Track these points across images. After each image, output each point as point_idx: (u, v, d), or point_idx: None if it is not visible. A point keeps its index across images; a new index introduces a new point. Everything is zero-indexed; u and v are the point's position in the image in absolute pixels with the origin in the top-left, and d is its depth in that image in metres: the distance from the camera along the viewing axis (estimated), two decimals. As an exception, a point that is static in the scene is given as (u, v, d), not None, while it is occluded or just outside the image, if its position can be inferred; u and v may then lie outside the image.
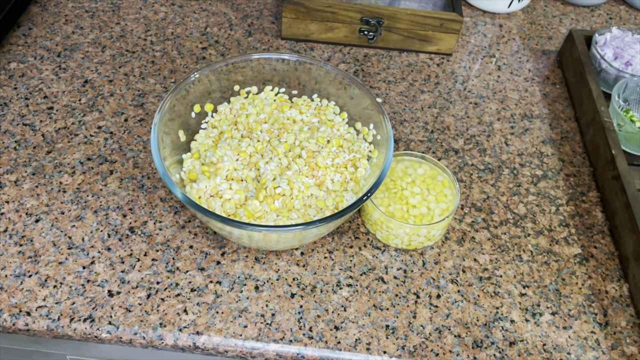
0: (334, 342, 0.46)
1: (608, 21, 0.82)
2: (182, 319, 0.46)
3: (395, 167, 0.55)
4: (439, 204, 0.52)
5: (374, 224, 0.52)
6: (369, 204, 0.51)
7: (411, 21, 0.69)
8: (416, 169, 0.55)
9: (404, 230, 0.50)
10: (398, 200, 0.52)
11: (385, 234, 0.51)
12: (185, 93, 0.52)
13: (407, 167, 0.55)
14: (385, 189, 0.53)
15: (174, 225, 0.52)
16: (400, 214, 0.52)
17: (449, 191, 0.54)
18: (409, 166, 0.55)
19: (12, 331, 0.46)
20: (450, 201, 0.53)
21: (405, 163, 0.56)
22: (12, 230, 0.50)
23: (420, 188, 0.53)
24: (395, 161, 0.55)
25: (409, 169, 0.55)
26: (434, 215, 0.52)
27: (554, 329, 0.48)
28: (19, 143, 0.57)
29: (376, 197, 0.53)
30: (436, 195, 0.53)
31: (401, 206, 0.52)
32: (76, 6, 0.74)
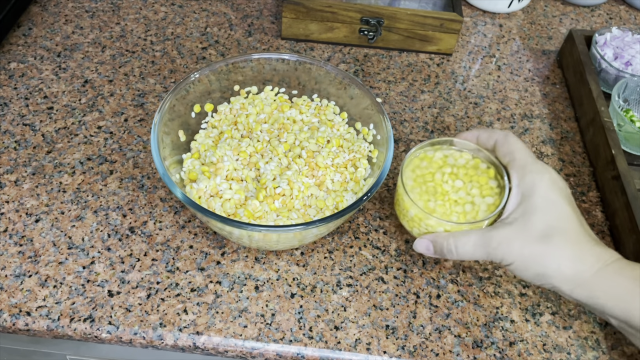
0: (334, 342, 0.46)
1: (608, 21, 0.82)
2: (182, 319, 0.46)
3: (433, 157, 0.49)
4: (485, 199, 0.46)
5: (410, 220, 0.47)
6: (406, 198, 0.46)
7: (411, 21, 0.69)
8: (457, 159, 0.48)
9: (445, 228, 0.45)
10: (439, 196, 0.47)
11: (423, 231, 0.47)
12: (185, 93, 0.52)
13: (446, 157, 0.49)
14: (422, 181, 0.48)
15: (174, 225, 0.52)
16: (441, 209, 0.46)
17: (495, 183, 0.47)
18: (448, 155, 0.49)
19: (12, 331, 0.46)
20: (497, 194, 0.46)
21: (445, 152, 0.49)
22: (12, 230, 0.50)
23: (463, 181, 0.47)
24: (432, 150, 0.49)
25: (448, 159, 0.49)
26: (479, 211, 0.46)
27: (554, 329, 0.48)
28: (19, 143, 0.57)
29: (413, 191, 0.47)
30: (480, 188, 0.47)
31: (442, 202, 0.46)
32: (76, 6, 0.74)
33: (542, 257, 0.41)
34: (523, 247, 0.41)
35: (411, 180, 0.48)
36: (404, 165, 0.48)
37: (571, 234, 0.41)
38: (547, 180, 0.42)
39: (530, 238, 0.41)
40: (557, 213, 0.41)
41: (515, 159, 0.44)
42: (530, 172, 0.43)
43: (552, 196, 0.42)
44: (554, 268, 0.40)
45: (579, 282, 0.40)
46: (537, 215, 0.41)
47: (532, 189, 0.42)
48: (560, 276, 0.40)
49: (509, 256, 0.41)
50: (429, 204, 0.46)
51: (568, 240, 0.41)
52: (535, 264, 0.41)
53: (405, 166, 0.48)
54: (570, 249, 0.41)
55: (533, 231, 0.41)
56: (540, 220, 0.41)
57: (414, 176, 0.48)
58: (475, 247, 0.43)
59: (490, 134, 0.47)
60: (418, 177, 0.48)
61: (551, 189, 0.42)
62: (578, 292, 0.41)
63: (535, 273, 0.41)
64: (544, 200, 0.42)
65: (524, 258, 0.41)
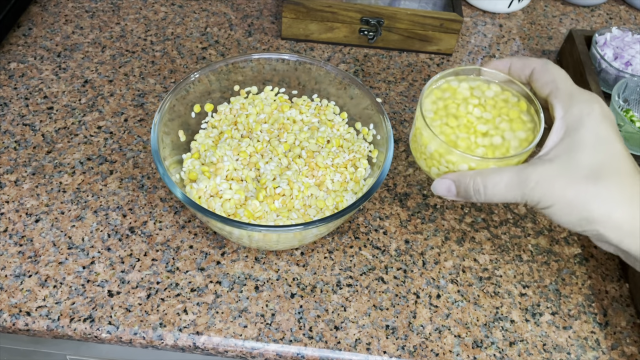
0: (334, 342, 0.46)
1: (608, 21, 0.82)
2: (182, 319, 0.46)
3: (458, 88, 0.43)
4: (517, 133, 0.40)
5: (428, 158, 0.41)
6: (425, 132, 0.40)
7: (411, 21, 0.69)
8: (484, 91, 0.43)
9: (469, 165, 0.39)
10: (462, 129, 0.41)
11: (443, 170, 0.41)
12: (185, 93, 0.52)
13: (472, 88, 0.43)
14: (445, 114, 0.42)
15: (174, 225, 0.52)
16: (465, 144, 0.40)
17: (527, 117, 0.41)
18: (474, 87, 0.43)
19: (12, 331, 0.46)
20: (530, 129, 0.41)
21: (470, 83, 0.43)
22: (12, 230, 0.50)
23: (492, 114, 0.42)
24: (457, 80, 0.44)
25: (475, 91, 0.43)
26: (509, 147, 0.40)
27: (554, 329, 0.48)
28: (19, 143, 0.57)
29: (433, 124, 0.41)
30: (511, 122, 0.41)
31: (467, 134, 0.41)
32: (76, 6, 0.74)
33: (590, 199, 0.35)
34: (567, 187, 0.36)
35: (431, 112, 0.42)
36: (424, 95, 0.42)
37: (625, 176, 0.36)
38: (598, 113, 0.37)
39: (576, 177, 0.36)
40: (609, 151, 0.36)
41: (559, 88, 0.39)
42: (578, 103, 0.37)
43: (603, 131, 0.36)
44: (603, 212, 0.35)
45: (631, 230, 0.35)
46: (585, 152, 0.36)
47: (580, 121, 0.37)
48: (610, 222, 0.35)
49: (549, 197, 0.36)
50: (451, 137, 0.41)
51: (621, 182, 0.35)
52: (580, 207, 0.36)
53: (425, 97, 0.43)
54: (625, 191, 0.35)
55: (580, 169, 0.36)
56: (589, 157, 0.36)
57: (435, 108, 0.43)
58: (508, 186, 0.37)
59: (526, 61, 0.41)
60: (440, 109, 0.42)
61: (602, 122, 0.37)
62: (628, 242, 0.36)
63: (579, 217, 0.36)
64: (594, 135, 0.36)
65: (567, 200, 0.36)
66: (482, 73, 0.44)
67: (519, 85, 0.42)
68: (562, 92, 0.38)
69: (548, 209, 0.37)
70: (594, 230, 0.37)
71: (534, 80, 0.41)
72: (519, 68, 0.42)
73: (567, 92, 0.38)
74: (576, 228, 0.37)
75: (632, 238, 0.36)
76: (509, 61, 0.42)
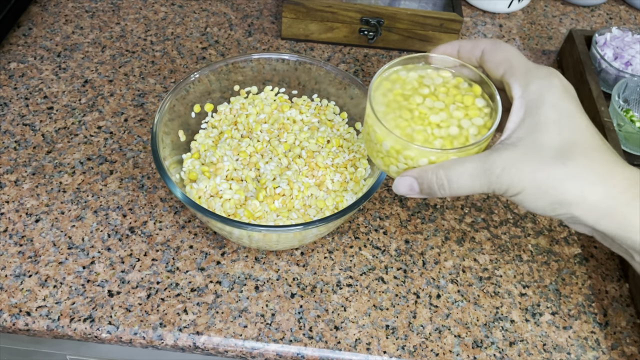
0: (334, 342, 0.46)
1: (608, 21, 0.82)
2: (182, 319, 0.46)
3: (407, 78, 0.41)
4: (474, 120, 0.38)
5: (386, 156, 0.39)
6: (378, 128, 0.38)
7: (411, 21, 0.69)
8: (434, 78, 0.41)
9: (429, 159, 0.37)
10: (417, 120, 0.38)
11: (403, 167, 0.38)
12: (185, 93, 0.52)
13: (422, 77, 0.41)
14: (397, 106, 0.39)
15: (174, 225, 0.52)
16: (422, 136, 0.38)
17: (482, 102, 0.39)
18: (424, 75, 0.41)
19: (12, 331, 0.46)
20: (487, 114, 0.38)
21: (420, 72, 0.41)
22: (12, 230, 0.50)
23: (444, 102, 0.39)
24: (405, 70, 0.41)
25: (425, 79, 0.41)
26: (468, 135, 0.38)
27: (554, 329, 0.48)
28: (19, 143, 0.57)
29: (386, 118, 0.38)
30: (466, 109, 0.39)
31: (423, 127, 0.38)
32: (76, 6, 0.74)
33: (561, 181, 0.33)
34: (535, 171, 0.33)
35: (382, 106, 0.39)
36: (372, 88, 0.40)
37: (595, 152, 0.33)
38: (558, 86, 0.35)
39: (543, 159, 0.33)
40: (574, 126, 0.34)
41: (514, 65, 0.36)
42: (536, 78, 0.35)
43: (565, 106, 0.34)
44: (576, 194, 0.33)
45: (608, 210, 0.33)
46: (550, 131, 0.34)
47: (540, 98, 0.34)
48: (584, 204, 0.33)
49: (517, 183, 0.34)
50: (406, 130, 0.38)
51: (592, 159, 0.33)
52: (552, 190, 0.33)
53: (374, 90, 0.40)
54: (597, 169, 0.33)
55: (546, 150, 0.33)
56: (555, 136, 0.33)
57: (386, 101, 0.40)
58: (473, 177, 0.35)
59: (475, 43, 0.39)
60: (391, 101, 0.40)
61: (563, 97, 0.34)
62: (605, 223, 0.33)
63: (550, 202, 0.34)
64: (557, 111, 0.34)
65: (536, 184, 0.33)
66: (431, 60, 0.41)
67: (471, 69, 0.40)
68: (518, 70, 0.36)
69: (517, 195, 0.34)
70: (567, 214, 0.34)
71: (485, 61, 0.38)
72: (468, 50, 0.39)
73: (523, 69, 0.36)
74: (549, 212, 0.35)
75: (610, 218, 0.33)
76: (457, 44, 0.40)
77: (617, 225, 0.33)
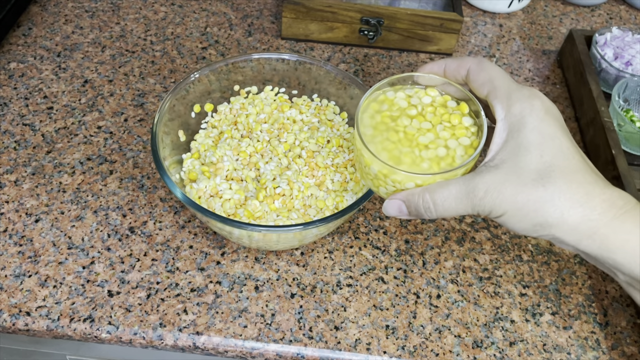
0: (334, 342, 0.46)
1: (608, 21, 0.82)
2: (182, 319, 0.46)
3: (394, 99, 0.41)
4: (460, 139, 0.38)
5: (374, 179, 0.39)
6: (365, 152, 0.38)
7: (411, 21, 0.69)
8: (421, 97, 0.41)
9: (415, 183, 0.37)
10: (404, 142, 0.39)
11: (391, 189, 0.39)
12: (185, 93, 0.52)
13: (409, 97, 0.41)
14: (384, 128, 0.39)
15: (174, 225, 0.52)
16: (410, 158, 0.38)
17: (469, 121, 0.39)
18: (411, 95, 0.41)
19: (12, 331, 0.46)
20: (473, 134, 0.39)
21: (407, 91, 0.41)
22: (12, 230, 0.50)
23: (432, 123, 0.39)
24: (392, 90, 0.41)
25: (412, 99, 0.41)
26: (455, 156, 0.38)
27: (554, 329, 0.48)
28: (19, 143, 0.57)
29: (373, 142, 0.39)
30: (453, 129, 0.39)
31: (410, 148, 0.38)
32: (76, 6, 0.74)
33: (541, 204, 0.34)
34: (516, 194, 0.34)
35: (370, 129, 0.40)
36: (360, 111, 0.40)
37: (575, 174, 0.34)
38: (539, 109, 0.35)
39: (524, 182, 0.34)
40: (554, 149, 0.34)
41: (496, 87, 0.37)
42: (518, 101, 0.35)
43: (546, 128, 0.35)
44: (557, 216, 0.34)
45: (588, 232, 0.34)
46: (531, 154, 0.34)
47: (522, 121, 0.35)
48: (564, 225, 0.34)
49: (500, 206, 0.35)
50: (394, 152, 0.38)
51: (572, 181, 0.34)
52: (533, 213, 0.34)
53: (361, 112, 0.40)
54: (576, 191, 0.34)
55: (527, 173, 0.34)
56: (536, 158, 0.34)
57: (374, 123, 0.40)
58: (457, 200, 0.36)
59: (461, 62, 0.39)
60: (378, 124, 0.40)
61: (544, 119, 0.35)
62: (586, 244, 0.34)
63: (532, 223, 0.35)
64: (538, 134, 0.35)
65: (518, 206, 0.34)
66: (418, 79, 0.41)
67: (457, 87, 0.40)
68: (500, 91, 0.37)
69: (500, 217, 0.36)
70: (549, 235, 0.35)
71: (470, 80, 0.39)
72: (454, 69, 0.40)
73: (505, 90, 0.36)
74: (531, 234, 0.36)
75: (590, 239, 0.34)
76: (444, 63, 0.40)
77: (597, 246, 0.34)
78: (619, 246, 0.34)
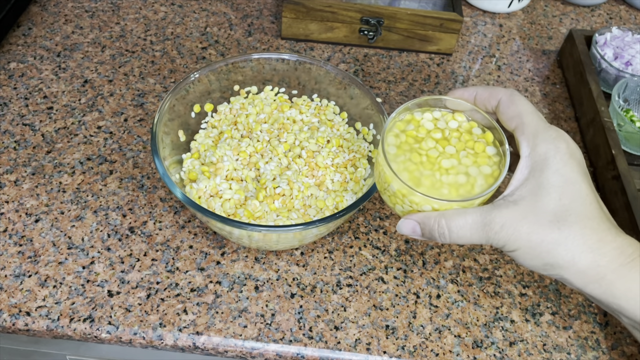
0: (334, 342, 0.46)
1: (608, 21, 0.82)
2: (182, 319, 0.46)
3: (421, 120, 0.41)
4: (481, 168, 0.39)
5: (392, 195, 0.40)
6: (387, 169, 0.39)
7: (411, 21, 0.69)
8: (448, 121, 0.41)
9: (433, 207, 0.38)
10: (426, 165, 0.39)
11: (407, 208, 0.40)
12: (185, 93, 0.52)
13: (436, 119, 0.41)
14: (408, 149, 0.40)
15: (174, 225, 0.52)
16: (430, 181, 0.38)
17: (493, 150, 0.40)
18: (438, 118, 0.41)
19: (12, 331, 0.46)
20: (495, 163, 0.39)
21: (435, 113, 0.42)
22: (11, 230, 0.50)
23: (456, 148, 0.40)
24: (420, 111, 0.42)
25: (439, 122, 0.41)
26: (475, 184, 0.38)
27: (554, 329, 0.48)
28: (19, 143, 0.57)
29: (396, 160, 0.39)
30: (476, 156, 0.39)
31: (431, 172, 0.39)
32: (76, 6, 0.74)
33: (554, 245, 0.35)
34: (532, 232, 0.35)
35: (394, 147, 0.40)
36: (386, 129, 0.41)
37: (590, 220, 0.35)
38: (564, 152, 0.36)
39: (541, 222, 0.35)
40: (574, 193, 0.35)
41: (525, 123, 0.37)
42: (544, 141, 0.36)
43: (569, 173, 0.36)
44: (567, 259, 0.35)
45: (595, 277, 0.35)
46: (550, 195, 0.35)
47: (545, 162, 0.36)
48: (574, 268, 0.35)
49: (514, 242, 0.36)
50: (415, 173, 0.39)
51: (586, 227, 0.35)
52: (545, 253, 0.35)
53: (387, 130, 0.41)
54: (589, 237, 0.35)
55: (544, 213, 0.35)
56: (554, 200, 0.35)
57: (398, 142, 0.41)
58: (473, 230, 0.37)
59: (492, 92, 0.40)
60: (403, 143, 0.40)
61: (568, 163, 0.36)
62: (592, 288, 0.36)
63: (543, 262, 0.36)
64: (560, 176, 0.35)
65: (531, 245, 0.35)
66: (447, 103, 0.42)
67: (484, 115, 0.40)
68: (528, 128, 0.37)
69: (513, 252, 0.37)
70: (558, 275, 0.37)
71: (500, 112, 0.39)
72: (485, 98, 0.40)
73: (534, 128, 0.37)
74: (541, 271, 0.37)
75: (597, 284, 0.36)
76: (475, 90, 0.41)
77: (603, 290, 0.36)
78: (624, 292, 0.35)
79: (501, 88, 0.40)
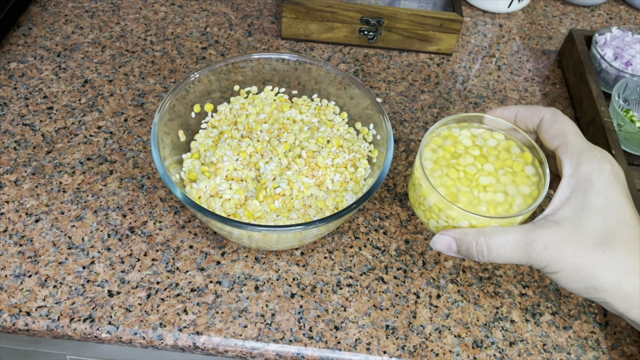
0: (334, 342, 0.46)
1: (608, 21, 0.82)
2: (182, 319, 0.46)
3: (459, 136, 0.41)
4: (520, 187, 0.38)
5: (427, 210, 0.39)
6: (424, 183, 0.38)
7: (411, 21, 0.69)
8: (486, 139, 0.41)
9: (470, 222, 0.37)
10: (464, 181, 0.39)
11: (443, 224, 0.39)
12: (185, 93, 0.52)
13: (474, 136, 0.41)
14: (445, 164, 0.40)
15: (174, 225, 0.52)
16: (467, 198, 0.38)
17: (532, 170, 0.39)
18: (476, 135, 0.41)
19: (12, 331, 0.46)
20: (534, 184, 0.39)
21: (473, 130, 0.41)
22: (12, 230, 0.50)
23: (494, 166, 0.39)
24: (458, 127, 0.41)
25: (477, 139, 0.41)
26: (513, 203, 0.38)
27: (554, 329, 0.48)
28: (19, 143, 0.57)
29: (433, 175, 0.39)
30: (514, 175, 0.39)
31: (469, 188, 0.38)
32: (76, 6, 0.74)
33: (599, 269, 0.34)
34: (576, 255, 0.34)
35: (431, 162, 0.40)
36: (424, 143, 0.41)
37: (635, 244, 0.34)
38: (609, 173, 0.35)
39: (585, 244, 0.34)
40: (618, 216, 0.35)
41: (568, 142, 0.37)
42: (588, 161, 0.36)
43: (613, 194, 0.35)
44: (612, 282, 0.34)
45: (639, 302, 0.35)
46: (595, 218, 0.34)
47: (590, 182, 0.35)
48: (618, 292, 0.35)
49: (558, 264, 0.35)
50: (452, 189, 0.38)
51: (632, 250, 0.34)
52: (590, 276, 0.34)
53: (425, 144, 0.41)
54: (635, 261, 0.34)
55: (589, 236, 0.34)
56: (598, 223, 0.34)
57: (435, 157, 0.41)
58: (514, 249, 0.35)
59: (534, 111, 0.39)
60: (440, 158, 0.40)
61: (612, 184, 0.35)
62: (635, 312, 0.35)
63: (586, 285, 0.35)
64: (604, 198, 0.35)
65: (575, 267, 0.35)
66: (486, 121, 0.42)
67: (523, 134, 0.40)
68: (572, 148, 0.37)
69: (555, 274, 0.36)
70: (601, 299, 0.36)
71: (542, 131, 0.39)
72: (527, 117, 0.40)
73: (578, 148, 0.36)
74: (583, 294, 0.36)
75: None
76: (515, 109, 0.40)
77: None
78: None
79: (543, 107, 0.39)
